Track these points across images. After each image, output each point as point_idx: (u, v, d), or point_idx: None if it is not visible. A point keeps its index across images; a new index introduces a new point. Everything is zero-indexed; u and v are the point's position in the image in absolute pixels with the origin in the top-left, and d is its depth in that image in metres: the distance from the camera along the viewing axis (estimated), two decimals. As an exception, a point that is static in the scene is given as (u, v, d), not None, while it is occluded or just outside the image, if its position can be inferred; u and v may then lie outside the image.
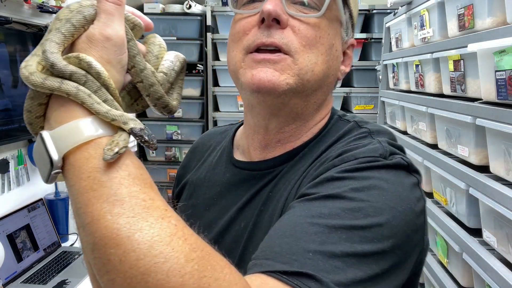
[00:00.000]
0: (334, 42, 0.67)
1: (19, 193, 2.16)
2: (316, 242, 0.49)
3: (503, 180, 1.29)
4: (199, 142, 0.92)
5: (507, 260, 1.25)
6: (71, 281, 1.89)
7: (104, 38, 0.50)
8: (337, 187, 0.55)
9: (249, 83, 0.63)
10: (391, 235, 0.52)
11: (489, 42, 1.27)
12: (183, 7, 3.26)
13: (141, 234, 0.41)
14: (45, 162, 0.47)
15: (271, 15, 0.61)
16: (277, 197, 0.67)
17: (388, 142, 0.62)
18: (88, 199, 0.43)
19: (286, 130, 0.70)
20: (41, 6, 2.10)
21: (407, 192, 0.57)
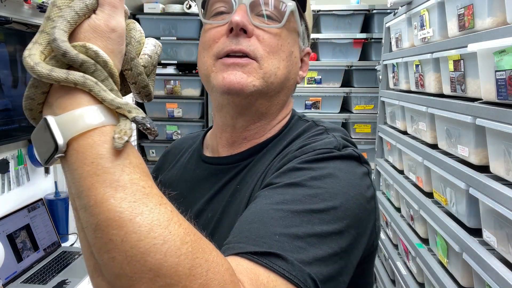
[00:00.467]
0: (293, 50, 0.77)
1: (19, 193, 2.16)
2: (281, 225, 0.55)
3: (503, 180, 1.29)
4: (172, 146, 1.00)
5: (507, 260, 1.25)
6: (71, 281, 1.89)
7: (109, 30, 0.53)
8: (298, 176, 0.62)
9: (220, 85, 0.71)
10: (345, 217, 0.59)
11: (489, 42, 1.27)
12: (183, 7, 3.26)
13: (142, 218, 0.45)
14: (49, 146, 0.49)
15: (239, 25, 0.70)
16: (244, 189, 0.73)
17: (342, 137, 0.71)
18: (92, 183, 0.46)
19: (252, 128, 0.79)
20: (41, 6, 2.11)
21: (358, 180, 0.65)
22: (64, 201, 2.35)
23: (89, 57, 0.51)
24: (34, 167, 2.27)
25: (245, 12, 0.71)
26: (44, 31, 0.53)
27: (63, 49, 0.50)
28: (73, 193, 0.49)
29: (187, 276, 0.44)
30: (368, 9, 3.18)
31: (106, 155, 0.47)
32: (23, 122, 2.09)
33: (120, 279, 0.45)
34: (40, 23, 2.48)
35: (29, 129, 2.14)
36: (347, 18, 3.21)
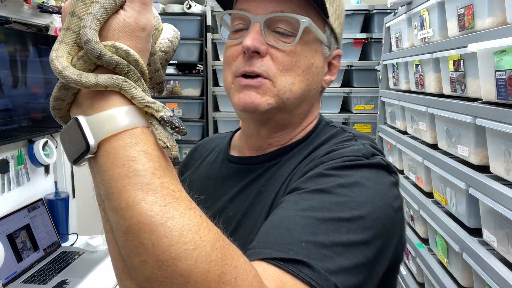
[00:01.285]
0: (313, 62, 0.76)
1: (19, 193, 2.16)
2: (308, 233, 0.55)
3: (503, 180, 1.29)
4: (200, 143, 1.01)
5: (507, 260, 1.25)
6: (71, 281, 1.89)
7: (139, 28, 0.51)
8: (325, 182, 0.62)
9: (237, 104, 0.75)
10: (372, 227, 0.58)
11: (489, 42, 1.27)
12: (183, 7, 3.26)
13: (173, 222, 0.45)
14: (79, 146, 0.49)
15: (249, 49, 0.72)
16: (269, 191, 0.73)
17: (370, 145, 0.71)
18: (123, 186, 0.46)
19: (276, 136, 0.80)
20: (41, 6, 2.11)
21: (386, 190, 0.64)
22: (64, 201, 2.35)
23: (119, 56, 0.50)
24: (34, 167, 2.27)
25: (257, 32, 0.72)
26: (70, 28, 0.51)
27: (98, 51, 0.48)
28: (102, 194, 0.49)
29: (217, 282, 0.44)
30: (368, 9, 3.18)
31: (137, 157, 0.47)
32: (23, 122, 2.09)
33: (150, 283, 0.45)
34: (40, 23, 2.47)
35: (29, 129, 2.14)
36: (347, 18, 3.21)
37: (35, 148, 2.18)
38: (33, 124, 2.15)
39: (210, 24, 3.34)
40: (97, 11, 0.49)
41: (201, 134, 3.52)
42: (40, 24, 2.24)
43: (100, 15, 0.49)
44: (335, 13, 0.78)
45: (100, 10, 0.49)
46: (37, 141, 2.21)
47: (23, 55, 2.10)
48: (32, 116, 2.14)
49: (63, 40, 0.50)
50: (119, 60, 0.49)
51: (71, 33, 0.50)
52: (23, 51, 2.10)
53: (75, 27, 0.50)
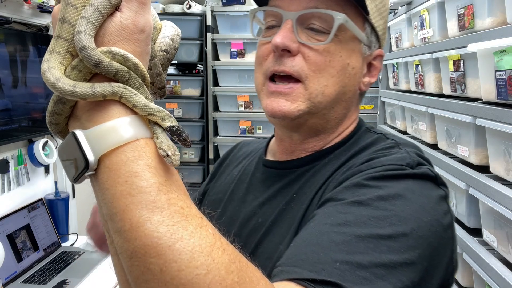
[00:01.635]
0: (349, 62, 0.70)
1: (19, 193, 2.16)
2: (343, 251, 0.49)
3: (503, 180, 1.29)
4: (240, 145, 0.98)
5: (507, 260, 1.25)
6: (71, 281, 1.89)
7: (138, 30, 0.47)
8: (363, 194, 0.55)
9: (265, 110, 0.70)
10: (417, 245, 0.51)
11: (489, 42, 1.27)
12: (183, 7, 3.26)
13: (182, 244, 0.41)
14: (78, 163, 0.45)
15: (279, 47, 0.66)
16: (302, 199, 0.68)
17: (416, 153, 0.63)
18: (126, 205, 0.42)
19: (309, 141, 0.74)
20: (41, 6, 2.11)
21: (433, 204, 0.57)
22: (64, 201, 2.35)
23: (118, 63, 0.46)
24: (34, 167, 2.27)
25: (289, 30, 0.67)
26: (61, 36, 0.46)
27: (95, 59, 0.44)
28: (104, 215, 0.45)
29: None
30: (368, 9, 3.18)
31: (140, 173, 0.43)
32: (23, 122, 2.09)
33: None
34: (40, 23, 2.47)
35: (29, 129, 2.14)
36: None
37: (35, 148, 2.18)
38: (33, 124, 2.15)
39: (210, 24, 3.34)
40: (91, 14, 0.45)
41: (201, 134, 3.52)
42: (40, 24, 2.24)
43: (95, 19, 0.45)
44: (377, 10, 0.72)
45: (95, 13, 0.45)
46: (37, 141, 2.21)
47: (23, 55, 2.10)
48: (32, 116, 2.14)
49: (54, 49, 0.46)
50: (119, 67, 0.45)
51: (63, 41, 0.46)
52: (23, 51, 2.10)
53: (67, 34, 0.46)
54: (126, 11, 0.47)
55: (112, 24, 0.46)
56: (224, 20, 3.39)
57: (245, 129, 3.47)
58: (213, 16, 3.38)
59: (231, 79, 3.44)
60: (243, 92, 3.40)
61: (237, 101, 3.43)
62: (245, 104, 3.43)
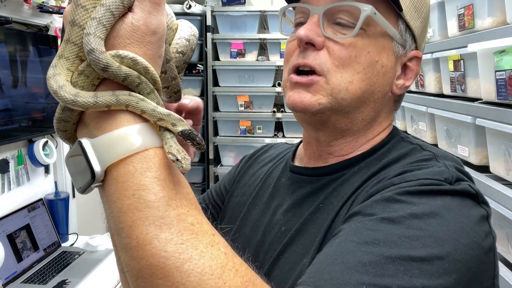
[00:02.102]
0: (378, 59, 0.66)
1: (19, 193, 2.16)
2: (370, 273, 0.44)
3: (503, 180, 1.29)
4: (269, 146, 0.93)
5: (507, 260, 1.25)
6: (71, 281, 1.89)
7: (150, 32, 0.45)
8: (394, 210, 0.51)
9: (288, 103, 0.67)
10: (453, 270, 0.46)
11: (489, 42, 1.27)
12: (183, 7, 3.26)
13: (191, 265, 0.38)
14: (85, 173, 0.43)
15: (302, 40, 0.64)
16: (328, 210, 0.64)
17: (455, 167, 0.58)
18: (133, 221, 0.40)
19: (336, 144, 0.70)
20: (41, 6, 2.11)
21: (473, 225, 0.51)
22: (64, 201, 2.35)
23: (127, 67, 0.44)
24: (34, 167, 2.27)
25: (315, 24, 0.65)
26: (71, 40, 0.44)
27: (103, 62, 0.42)
28: (111, 228, 0.43)
29: None
30: (368, 9, 3.18)
31: (149, 186, 0.41)
32: (23, 122, 2.09)
33: None
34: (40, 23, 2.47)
35: (29, 129, 2.14)
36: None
37: (35, 148, 2.19)
38: (33, 124, 2.15)
39: (210, 24, 3.34)
40: (102, 15, 0.43)
41: (201, 134, 3.52)
42: (40, 24, 2.24)
43: (106, 20, 0.43)
44: (413, 8, 0.68)
45: (106, 14, 0.43)
46: (37, 141, 2.21)
47: (23, 55, 2.10)
48: (32, 116, 2.14)
49: (63, 54, 0.44)
50: (128, 72, 0.43)
51: (72, 45, 0.44)
52: (23, 51, 2.10)
53: (76, 38, 0.44)
54: (138, 11, 0.45)
55: (123, 26, 0.44)
56: (224, 20, 3.39)
57: (245, 129, 3.47)
58: (213, 16, 3.38)
59: (231, 79, 3.44)
60: (243, 92, 3.40)
61: (237, 101, 3.44)
62: (245, 104, 3.43)
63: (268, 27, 3.48)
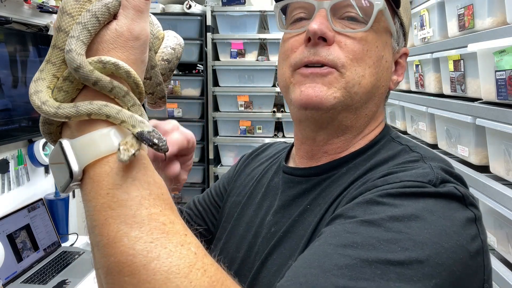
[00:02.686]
0: (384, 54, 0.67)
1: (19, 193, 2.16)
2: (346, 276, 0.43)
3: (503, 180, 1.29)
4: (268, 145, 0.92)
5: (507, 260, 1.25)
6: (71, 281, 1.89)
7: (133, 38, 0.46)
8: (375, 212, 0.50)
9: (298, 99, 0.64)
10: (434, 274, 0.45)
11: (489, 42, 1.27)
12: (183, 7, 3.26)
13: (158, 263, 0.38)
14: (64, 173, 0.44)
15: (316, 34, 0.62)
16: (315, 211, 0.64)
17: (442, 169, 0.57)
18: (105, 219, 0.41)
19: (334, 142, 0.69)
20: (41, 6, 2.11)
21: (457, 227, 0.49)
22: (64, 201, 2.35)
23: (108, 71, 0.45)
24: (34, 167, 2.27)
25: (324, 18, 0.63)
26: (57, 46, 0.46)
27: (77, 62, 0.43)
28: (88, 227, 0.44)
29: None
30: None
31: (123, 185, 0.42)
32: (23, 122, 2.09)
33: None
34: (40, 23, 2.47)
35: (29, 129, 2.14)
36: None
37: (35, 148, 2.19)
38: (33, 124, 2.15)
39: (210, 24, 3.34)
40: (88, 20, 0.44)
41: (201, 134, 3.52)
42: (40, 24, 2.24)
43: (91, 25, 0.44)
44: (403, 6, 0.69)
45: (92, 19, 0.44)
46: (37, 141, 2.21)
47: (23, 55, 2.10)
48: (32, 116, 2.14)
49: (50, 59, 0.46)
50: (99, 77, 0.45)
51: (58, 50, 0.46)
52: (23, 51, 2.10)
53: (62, 43, 0.45)
54: (122, 18, 0.46)
55: (108, 31, 0.46)
56: (224, 20, 3.39)
57: (245, 129, 3.47)
58: (213, 16, 3.38)
59: (231, 79, 3.44)
60: (243, 92, 3.40)
61: (237, 101, 3.44)
62: (245, 104, 3.43)
63: (268, 27, 3.47)
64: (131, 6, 0.47)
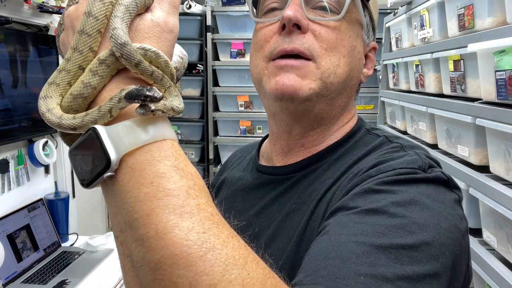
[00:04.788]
0: (356, 44, 0.67)
1: (19, 193, 2.16)
2: (366, 263, 0.44)
3: (503, 180, 1.29)
4: (233, 154, 0.93)
5: (507, 260, 1.25)
6: (71, 281, 1.89)
7: (168, 30, 0.47)
8: (376, 200, 0.51)
9: (273, 90, 0.63)
10: (440, 254, 0.47)
11: (489, 42, 1.27)
12: (183, 7, 3.26)
13: (214, 254, 0.36)
14: (97, 163, 0.41)
15: (291, 20, 0.61)
16: (303, 209, 0.64)
17: (425, 155, 0.60)
18: (152, 209, 0.38)
19: (310, 135, 0.69)
20: (41, 6, 2.11)
21: (449, 209, 0.53)
22: (64, 201, 2.35)
23: (147, 59, 0.44)
24: (34, 167, 2.27)
25: (298, 5, 0.63)
26: (78, 48, 0.45)
27: (123, 38, 0.42)
28: (121, 223, 0.40)
29: None
30: (368, 9, 3.18)
31: (167, 174, 0.39)
32: (23, 122, 2.09)
33: None
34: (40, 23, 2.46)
35: (29, 129, 2.14)
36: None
37: (35, 148, 2.19)
38: (33, 124, 2.15)
39: (210, 24, 3.35)
40: (129, 4, 0.44)
41: (201, 134, 3.52)
42: (40, 24, 2.24)
43: (132, 9, 0.44)
44: (372, 0, 0.70)
45: (132, 4, 0.44)
46: (37, 141, 2.21)
47: (23, 55, 2.10)
48: (32, 116, 2.14)
49: (65, 67, 0.45)
50: (142, 60, 0.44)
51: (77, 54, 0.45)
52: (23, 51, 2.10)
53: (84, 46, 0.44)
54: (157, 10, 0.47)
55: (142, 21, 0.46)
56: (224, 20, 3.39)
57: (245, 129, 3.47)
58: (213, 16, 3.38)
59: (231, 79, 3.44)
60: (243, 92, 3.40)
61: (237, 101, 3.44)
62: (245, 104, 3.43)
63: (268, 27, 3.47)
64: (167, 2, 0.47)
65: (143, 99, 0.41)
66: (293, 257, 0.60)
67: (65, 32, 0.49)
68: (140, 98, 0.41)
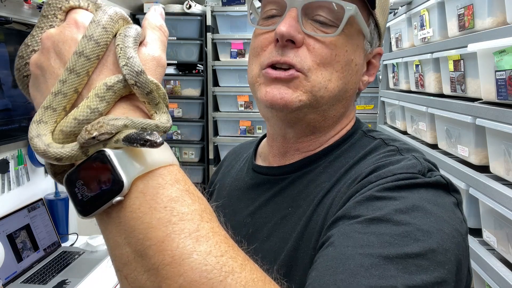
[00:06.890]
0: (353, 58, 0.67)
1: (19, 193, 2.16)
2: (375, 276, 0.43)
3: (503, 180, 1.29)
4: (230, 152, 0.93)
5: (507, 260, 1.25)
6: (71, 281, 1.89)
7: (161, 65, 0.49)
8: (379, 208, 0.51)
9: (263, 99, 0.64)
10: (446, 261, 0.47)
11: (489, 42, 1.27)
12: (183, 7, 3.26)
13: (234, 278, 0.35)
14: (106, 187, 0.39)
15: (284, 37, 0.62)
16: (298, 214, 0.63)
17: (423, 158, 0.60)
18: (166, 235, 0.36)
19: (304, 140, 0.70)
20: (41, 6, 2.10)
21: (450, 213, 0.52)
22: (64, 201, 2.35)
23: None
24: (34, 167, 2.27)
25: (294, 19, 0.62)
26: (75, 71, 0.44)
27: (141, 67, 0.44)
28: (125, 255, 0.38)
29: None
30: (368, 9, 3.18)
31: (180, 198, 0.38)
32: (23, 122, 2.09)
33: None
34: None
35: (29, 129, 2.14)
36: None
37: (35, 148, 2.18)
38: (33, 124, 2.15)
39: (210, 24, 3.34)
40: (135, 36, 0.47)
41: (201, 134, 3.52)
42: (40, 24, 2.24)
43: (137, 41, 0.47)
44: (380, 6, 0.69)
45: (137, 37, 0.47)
46: (37, 141, 2.21)
47: (23, 55, 2.10)
48: (32, 116, 2.13)
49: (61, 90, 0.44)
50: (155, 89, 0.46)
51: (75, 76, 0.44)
52: (23, 51, 2.10)
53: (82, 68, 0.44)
54: (154, 47, 0.48)
55: (141, 55, 0.47)
56: (224, 20, 3.39)
57: (245, 129, 3.47)
58: (213, 16, 3.38)
59: (231, 79, 3.44)
60: (243, 92, 3.40)
61: (237, 101, 3.44)
62: (245, 104, 3.43)
63: (268, 27, 3.48)
64: (160, 40, 0.50)
65: (143, 144, 0.40)
66: (290, 262, 0.60)
67: (43, 54, 0.47)
68: (140, 142, 0.40)
